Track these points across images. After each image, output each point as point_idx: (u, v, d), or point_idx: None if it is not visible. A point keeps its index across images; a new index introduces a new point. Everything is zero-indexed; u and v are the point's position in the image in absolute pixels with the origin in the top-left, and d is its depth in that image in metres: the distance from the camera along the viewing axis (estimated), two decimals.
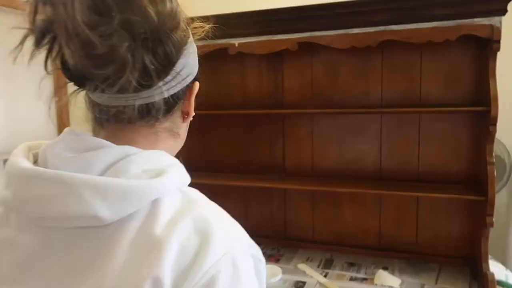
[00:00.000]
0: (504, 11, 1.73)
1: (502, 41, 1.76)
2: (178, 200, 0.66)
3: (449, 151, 2.11)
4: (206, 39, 0.84)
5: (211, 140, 2.58)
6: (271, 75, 2.38)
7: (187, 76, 0.72)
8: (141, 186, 0.61)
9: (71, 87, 0.66)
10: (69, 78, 0.64)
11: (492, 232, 1.88)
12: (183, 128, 0.86)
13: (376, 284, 1.95)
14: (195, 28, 0.80)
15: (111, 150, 0.65)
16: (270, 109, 2.38)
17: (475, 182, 2.07)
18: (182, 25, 0.69)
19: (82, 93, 0.68)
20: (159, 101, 0.68)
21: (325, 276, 2.04)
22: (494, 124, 1.78)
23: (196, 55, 0.77)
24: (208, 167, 2.60)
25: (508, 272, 2.08)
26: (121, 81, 0.61)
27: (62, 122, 3.69)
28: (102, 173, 0.63)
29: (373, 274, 2.04)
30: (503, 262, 3.21)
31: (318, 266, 2.16)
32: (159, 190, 0.63)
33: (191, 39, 0.75)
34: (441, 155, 2.13)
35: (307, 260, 2.25)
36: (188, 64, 0.71)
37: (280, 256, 2.31)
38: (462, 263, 2.13)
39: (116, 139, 0.68)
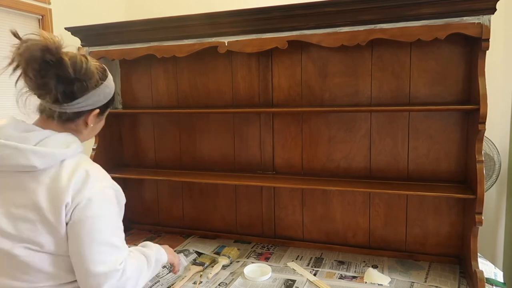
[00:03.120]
0: (493, 10, 1.74)
1: (491, 40, 1.76)
2: (75, 161, 1.33)
3: (438, 149, 2.12)
4: (196, 38, 1.46)
5: (200, 138, 2.57)
6: (260, 74, 2.37)
7: (87, 106, 1.36)
8: (56, 152, 1.30)
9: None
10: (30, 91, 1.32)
11: (481, 230, 1.89)
12: (87, 131, 1.45)
13: (365, 283, 1.95)
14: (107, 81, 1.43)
15: (39, 133, 1.32)
16: (260, 108, 2.38)
17: (465, 180, 2.08)
18: (94, 80, 1.34)
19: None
20: (64, 113, 1.34)
21: (314, 274, 2.04)
22: (483, 123, 1.78)
23: (102, 97, 1.39)
24: (198, 165, 2.59)
25: (497, 270, 2.09)
26: (47, 98, 1.30)
27: None
28: (36, 144, 1.29)
29: (363, 272, 2.05)
30: (492, 260, 3.23)
31: (308, 265, 2.16)
32: (65, 155, 1.32)
33: (98, 88, 1.37)
34: (430, 154, 2.13)
35: (297, 258, 2.24)
36: (89, 100, 1.35)
37: (270, 254, 2.30)
38: (452, 261, 2.14)
39: (44, 126, 1.35)
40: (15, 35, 1.27)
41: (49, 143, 1.30)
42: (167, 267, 2.09)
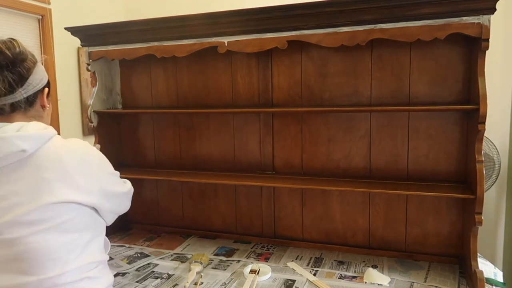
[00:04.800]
0: (492, 10, 1.74)
1: (491, 40, 1.76)
2: (60, 139, 1.40)
3: (438, 149, 2.12)
4: (196, 38, 1.54)
5: (200, 138, 2.57)
6: (260, 74, 2.37)
7: (37, 85, 1.42)
8: (39, 133, 1.33)
9: None
10: None
11: (481, 230, 1.89)
12: (46, 113, 1.51)
13: (365, 283, 1.95)
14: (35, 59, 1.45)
15: (12, 125, 1.32)
16: (260, 108, 2.38)
17: (464, 180, 2.07)
18: (29, 58, 1.40)
19: None
20: (23, 100, 1.38)
21: (314, 274, 2.04)
22: (483, 123, 1.78)
23: (43, 74, 1.46)
24: (198, 165, 2.59)
25: (497, 270, 2.09)
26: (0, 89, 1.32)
27: None
28: (17, 132, 1.30)
29: (363, 272, 2.05)
30: (492, 259, 3.24)
31: (308, 265, 2.16)
32: (49, 135, 1.36)
33: (36, 66, 1.42)
34: (430, 154, 2.13)
35: (297, 258, 2.24)
36: (37, 78, 1.41)
37: (270, 254, 2.30)
38: (451, 261, 2.14)
39: (10, 122, 1.36)
40: None
41: (29, 129, 1.33)
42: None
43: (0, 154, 1.28)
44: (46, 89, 1.49)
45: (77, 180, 1.37)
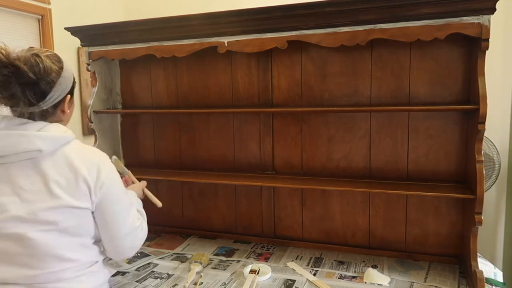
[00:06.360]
0: (492, 10, 1.74)
1: (491, 40, 1.76)
2: (76, 145, 1.45)
3: (438, 149, 2.12)
4: (196, 38, 1.60)
5: (200, 138, 2.57)
6: (260, 74, 2.37)
7: (59, 96, 1.43)
8: (59, 136, 1.39)
9: None
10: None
11: (481, 230, 1.89)
12: (65, 117, 1.52)
13: (365, 283, 1.95)
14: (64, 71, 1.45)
15: (35, 124, 1.37)
16: (260, 108, 2.38)
17: (464, 180, 2.07)
18: (54, 71, 1.39)
19: None
20: (43, 110, 1.40)
21: (314, 274, 2.04)
22: (483, 123, 1.78)
23: (68, 82, 1.46)
24: (198, 165, 2.59)
25: (496, 270, 2.08)
26: (21, 105, 1.35)
27: None
28: (38, 131, 1.35)
29: (362, 272, 2.05)
30: (492, 260, 3.24)
31: (308, 265, 2.16)
32: (67, 138, 1.42)
33: (61, 77, 1.42)
34: (430, 154, 2.13)
35: (297, 258, 2.24)
36: (59, 90, 1.41)
37: (270, 254, 2.30)
38: (451, 261, 2.14)
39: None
40: None
41: (50, 130, 1.38)
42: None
43: (17, 149, 1.33)
44: (69, 96, 1.49)
45: (82, 187, 1.39)
